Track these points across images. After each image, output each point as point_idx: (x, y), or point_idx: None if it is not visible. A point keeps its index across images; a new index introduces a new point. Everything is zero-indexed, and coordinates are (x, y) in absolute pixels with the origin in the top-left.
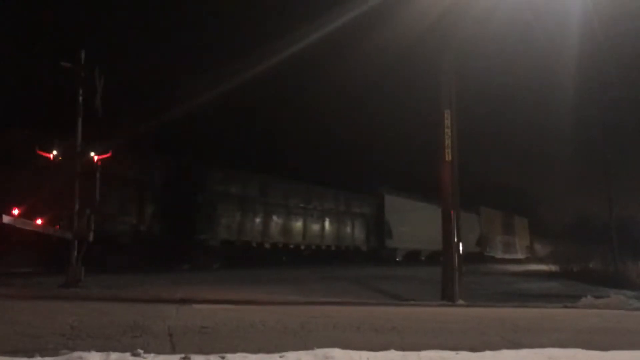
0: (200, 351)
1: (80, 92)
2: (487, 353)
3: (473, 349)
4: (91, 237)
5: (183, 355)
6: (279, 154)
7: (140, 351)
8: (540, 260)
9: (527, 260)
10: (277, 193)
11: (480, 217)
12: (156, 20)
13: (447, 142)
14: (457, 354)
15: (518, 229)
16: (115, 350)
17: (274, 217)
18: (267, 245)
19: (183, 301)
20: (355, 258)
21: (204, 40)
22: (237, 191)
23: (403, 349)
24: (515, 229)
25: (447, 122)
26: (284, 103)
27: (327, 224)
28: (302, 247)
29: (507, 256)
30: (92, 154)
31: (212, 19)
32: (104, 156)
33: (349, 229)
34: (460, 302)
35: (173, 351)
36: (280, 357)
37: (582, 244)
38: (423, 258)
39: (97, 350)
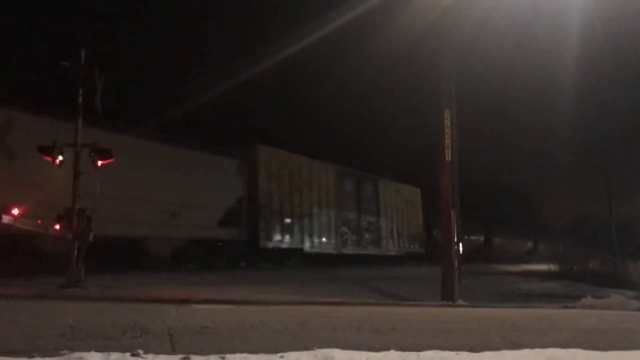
0: (200, 351)
1: (80, 92)
2: (487, 353)
3: (473, 349)
4: (91, 237)
5: (183, 356)
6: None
7: (140, 351)
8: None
9: (419, 261)
10: None
11: (256, 168)
12: (155, 21)
13: (447, 142)
14: (457, 354)
15: (390, 205)
16: (115, 350)
17: None
18: None
19: (183, 301)
20: None
21: (204, 41)
22: None
23: (403, 350)
24: (380, 204)
25: (447, 122)
26: (282, 103)
27: None
28: None
29: (360, 251)
30: (92, 153)
31: (210, 19)
32: (108, 161)
33: None
34: (460, 302)
35: (173, 351)
36: (280, 357)
37: (582, 244)
38: None
39: (97, 351)
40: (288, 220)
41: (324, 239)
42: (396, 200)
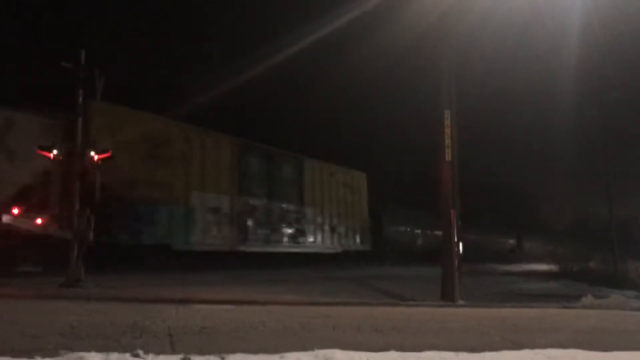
0: (200, 352)
1: (80, 92)
2: (487, 354)
3: (473, 349)
4: (91, 237)
5: (183, 356)
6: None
7: (140, 351)
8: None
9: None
10: None
11: (88, 132)
12: (155, 22)
13: (447, 142)
14: (457, 354)
15: (321, 190)
16: (115, 350)
17: None
18: None
19: (183, 301)
20: None
21: (205, 40)
22: None
23: (403, 350)
24: (305, 189)
25: (447, 122)
26: (282, 103)
27: None
28: None
29: (270, 248)
30: (92, 153)
31: (211, 19)
32: (104, 156)
33: None
34: (460, 302)
35: (173, 351)
36: (280, 357)
37: (582, 244)
38: None
39: (97, 351)
40: (145, 206)
41: (212, 232)
42: (331, 185)
